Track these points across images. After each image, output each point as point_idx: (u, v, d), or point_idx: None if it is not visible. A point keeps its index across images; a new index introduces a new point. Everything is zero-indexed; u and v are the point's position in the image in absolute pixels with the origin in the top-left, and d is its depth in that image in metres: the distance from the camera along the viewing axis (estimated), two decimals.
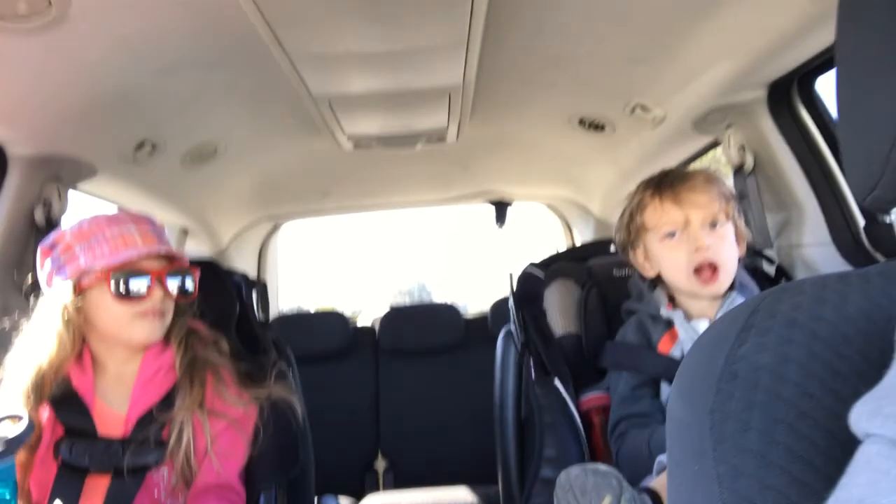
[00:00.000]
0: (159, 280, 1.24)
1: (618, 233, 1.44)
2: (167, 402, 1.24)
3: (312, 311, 3.39)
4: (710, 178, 1.34)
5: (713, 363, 0.46)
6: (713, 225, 1.29)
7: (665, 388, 1.31)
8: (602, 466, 1.06)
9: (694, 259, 1.28)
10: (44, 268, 1.26)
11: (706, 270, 1.27)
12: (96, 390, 1.24)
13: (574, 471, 1.05)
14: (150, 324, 1.23)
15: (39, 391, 1.19)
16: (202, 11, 1.26)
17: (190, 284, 1.30)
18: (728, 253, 1.29)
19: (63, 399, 1.21)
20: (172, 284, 1.26)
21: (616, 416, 1.32)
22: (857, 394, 0.41)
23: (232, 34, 1.36)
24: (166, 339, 1.28)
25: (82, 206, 1.92)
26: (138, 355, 1.27)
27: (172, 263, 1.28)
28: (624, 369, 1.34)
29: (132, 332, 1.23)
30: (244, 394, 1.28)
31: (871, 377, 0.41)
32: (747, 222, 1.53)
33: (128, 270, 1.22)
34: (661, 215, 1.32)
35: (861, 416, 0.39)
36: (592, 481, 1.03)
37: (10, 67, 1.28)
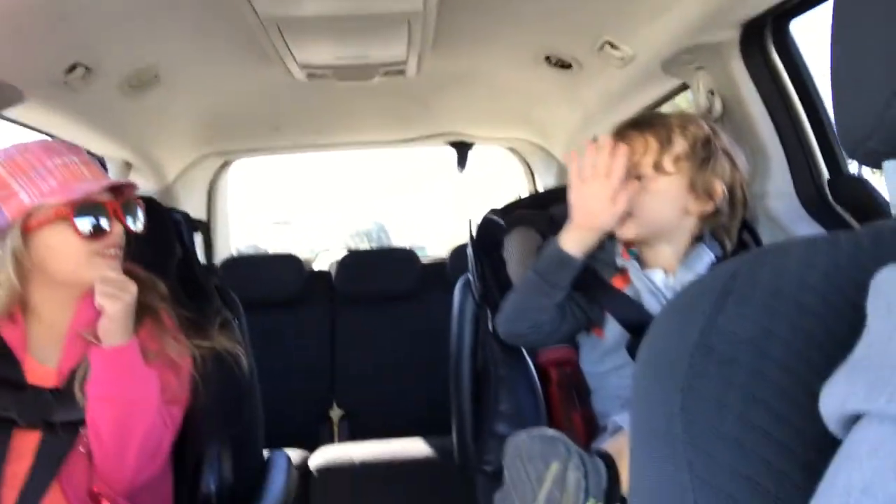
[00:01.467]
0: (116, 213, 1.14)
1: None
2: None
3: (268, 253, 3.29)
4: (654, 124, 1.25)
5: (686, 334, 0.41)
6: (637, 177, 1.23)
7: (611, 324, 1.28)
8: (549, 431, 1.04)
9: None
10: None
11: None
12: (28, 345, 1.15)
13: (521, 436, 1.03)
14: (109, 262, 1.14)
15: None
16: None
17: (139, 219, 1.21)
18: (644, 205, 1.22)
19: None
20: (129, 219, 1.17)
21: None
22: None
23: None
24: None
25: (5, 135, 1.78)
26: (74, 301, 1.17)
27: (122, 195, 1.17)
28: (574, 289, 1.29)
29: (90, 272, 1.12)
30: (182, 341, 1.21)
31: None
32: None
33: (89, 205, 1.11)
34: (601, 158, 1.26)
35: (851, 394, 0.34)
36: (539, 447, 1.00)
37: None
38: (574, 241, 1.23)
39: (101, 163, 2.36)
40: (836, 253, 0.41)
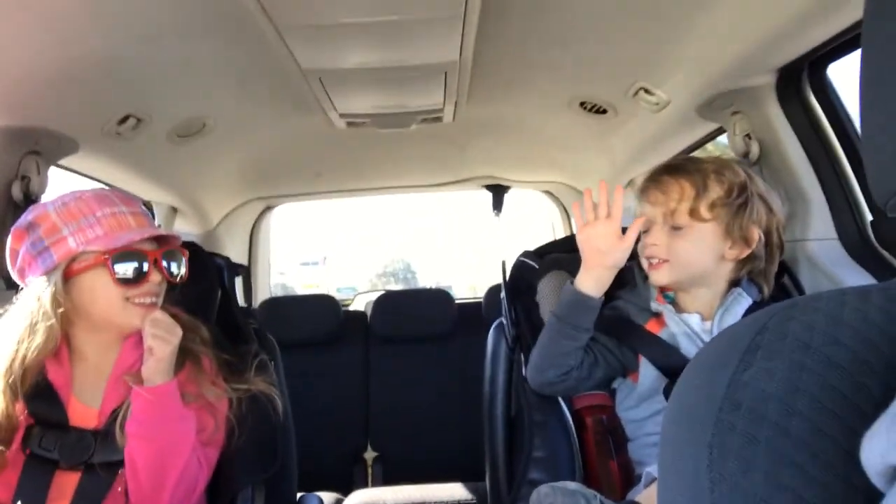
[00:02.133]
0: (156, 262, 1.19)
1: None
2: None
3: (299, 293, 3.33)
4: (688, 171, 1.26)
5: (714, 388, 0.41)
6: (676, 228, 1.25)
7: (647, 367, 1.26)
8: (571, 485, 1.04)
9: (643, 251, 1.29)
10: (18, 252, 1.19)
11: (654, 260, 1.27)
12: (72, 386, 1.19)
13: (543, 489, 1.04)
14: (145, 310, 1.18)
15: (21, 386, 1.13)
16: None
17: (182, 267, 1.25)
18: (680, 253, 1.24)
19: (36, 390, 1.15)
20: (169, 266, 1.22)
21: None
22: None
23: (216, 2, 1.29)
24: None
25: (63, 182, 1.87)
26: (117, 344, 1.21)
27: (164, 245, 1.22)
28: (610, 336, 1.31)
29: (127, 317, 1.18)
30: (220, 384, 1.23)
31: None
32: None
33: (128, 252, 1.16)
34: (640, 203, 1.32)
35: (893, 447, 0.33)
36: (561, 501, 0.99)
37: None
38: (590, 281, 1.25)
39: (149, 208, 2.45)
40: (866, 307, 0.41)
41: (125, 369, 1.19)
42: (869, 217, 1.47)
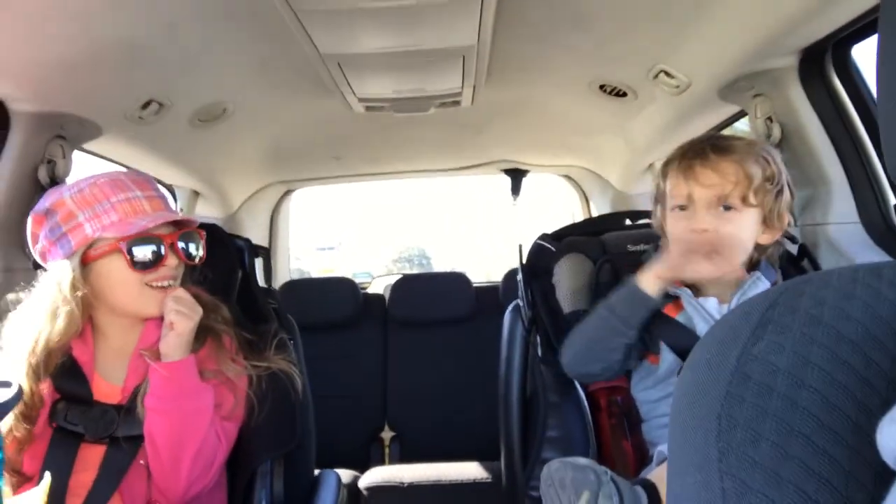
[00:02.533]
0: (172, 246, 1.21)
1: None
2: None
3: (316, 276, 3.37)
4: (735, 153, 1.21)
5: (723, 362, 0.41)
6: (726, 207, 1.19)
7: (666, 352, 1.26)
8: (581, 460, 1.04)
9: (689, 237, 1.21)
10: (39, 236, 1.22)
11: (704, 247, 1.19)
12: (96, 364, 1.22)
13: (554, 465, 1.04)
14: (163, 293, 1.20)
15: (45, 367, 1.16)
16: None
17: (200, 249, 1.27)
18: (734, 239, 1.19)
19: (62, 367, 1.19)
20: (184, 249, 1.23)
21: None
22: (887, 405, 0.36)
23: None
24: None
25: (87, 164, 1.90)
26: (140, 325, 1.24)
27: (181, 228, 1.24)
28: None
29: (143, 302, 1.20)
30: (240, 362, 1.26)
31: None
32: None
33: (143, 238, 1.18)
34: (672, 186, 1.25)
35: None
36: (571, 476, 1.00)
37: (7, 18, 1.24)
38: (655, 284, 1.22)
39: (171, 192, 2.48)
40: (878, 283, 0.41)
41: (147, 347, 1.22)
42: (893, 200, 1.45)
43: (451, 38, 1.56)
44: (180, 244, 1.22)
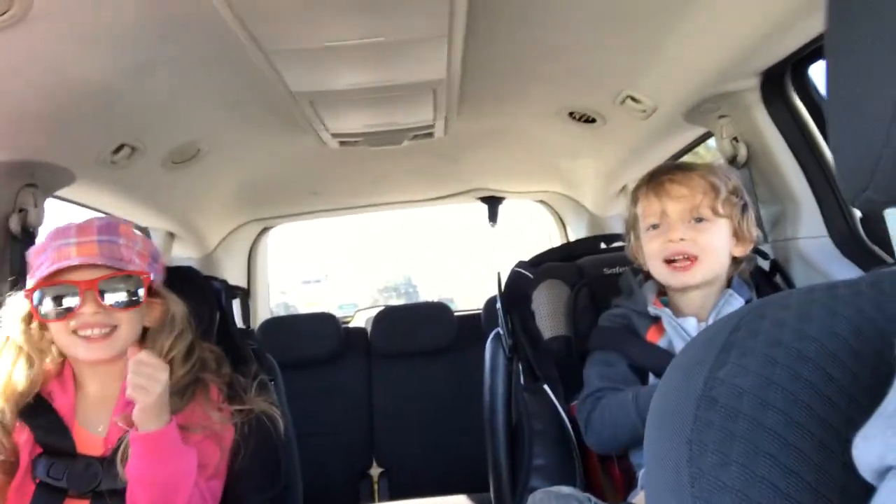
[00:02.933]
0: (91, 292, 1.13)
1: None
2: None
3: (302, 311, 3.34)
4: (699, 170, 1.29)
5: (690, 387, 0.42)
6: (698, 220, 1.25)
7: (652, 378, 1.27)
8: (565, 489, 1.04)
9: (667, 248, 1.26)
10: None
11: (680, 261, 1.25)
12: (76, 412, 1.19)
13: (538, 495, 1.05)
14: (90, 342, 1.14)
15: (13, 413, 1.13)
16: (172, 7, 1.22)
17: (134, 295, 1.16)
18: (709, 247, 1.25)
19: (41, 417, 1.16)
20: (111, 297, 1.14)
21: (592, 387, 1.28)
22: (850, 421, 0.37)
23: (205, 31, 1.31)
24: (151, 349, 1.20)
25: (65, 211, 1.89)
26: (120, 373, 1.18)
27: (112, 272, 1.16)
28: (610, 349, 1.31)
29: (75, 350, 1.16)
30: (226, 410, 1.23)
31: (864, 402, 0.37)
32: None
33: (53, 285, 1.13)
34: (645, 206, 1.30)
35: (890, 449, 0.34)
36: None
37: None
38: None
39: (147, 234, 2.46)
40: (833, 302, 0.42)
41: (129, 401, 1.18)
42: (859, 214, 1.49)
43: (421, 73, 1.59)
44: (108, 292, 1.14)
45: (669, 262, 1.26)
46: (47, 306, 1.13)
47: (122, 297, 1.16)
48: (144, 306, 1.20)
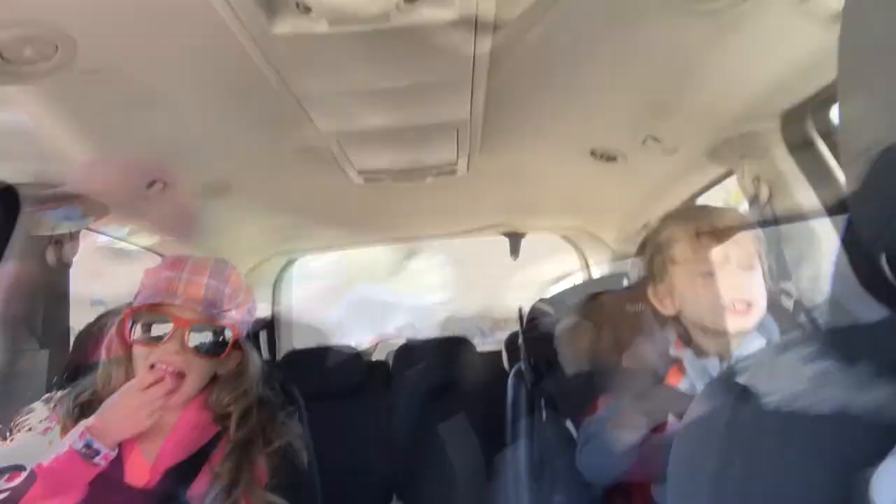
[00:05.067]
0: (181, 331, 1.16)
1: (635, 267, 1.40)
2: (199, 456, 1.21)
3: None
4: (733, 221, 1.32)
5: (712, 429, 0.43)
6: (751, 267, 1.27)
7: (672, 422, 1.26)
8: None
9: (730, 297, 1.25)
10: None
11: (741, 306, 1.25)
12: (139, 438, 1.19)
13: None
14: (157, 378, 1.15)
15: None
16: (209, 59, 1.27)
17: (218, 345, 1.19)
18: (760, 294, 1.27)
19: None
20: (197, 338, 1.17)
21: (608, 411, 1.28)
22: (868, 458, 0.37)
23: (240, 80, 1.37)
24: (214, 398, 1.24)
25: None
26: (179, 406, 1.21)
27: (208, 319, 1.18)
28: (630, 396, 1.30)
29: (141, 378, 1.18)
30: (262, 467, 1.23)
31: (885, 440, 0.38)
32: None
33: (152, 313, 1.17)
34: (697, 251, 1.28)
35: None
36: None
37: (17, 114, 1.30)
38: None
39: None
40: (851, 343, 0.43)
41: (183, 434, 1.21)
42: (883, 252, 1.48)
43: (445, 114, 1.62)
44: (193, 333, 1.17)
45: (730, 309, 1.25)
46: (137, 330, 1.17)
47: (207, 344, 1.18)
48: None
